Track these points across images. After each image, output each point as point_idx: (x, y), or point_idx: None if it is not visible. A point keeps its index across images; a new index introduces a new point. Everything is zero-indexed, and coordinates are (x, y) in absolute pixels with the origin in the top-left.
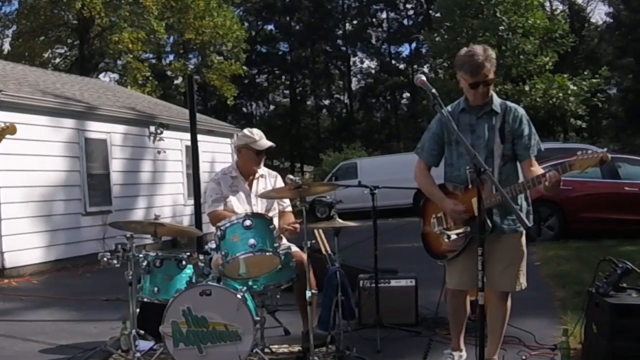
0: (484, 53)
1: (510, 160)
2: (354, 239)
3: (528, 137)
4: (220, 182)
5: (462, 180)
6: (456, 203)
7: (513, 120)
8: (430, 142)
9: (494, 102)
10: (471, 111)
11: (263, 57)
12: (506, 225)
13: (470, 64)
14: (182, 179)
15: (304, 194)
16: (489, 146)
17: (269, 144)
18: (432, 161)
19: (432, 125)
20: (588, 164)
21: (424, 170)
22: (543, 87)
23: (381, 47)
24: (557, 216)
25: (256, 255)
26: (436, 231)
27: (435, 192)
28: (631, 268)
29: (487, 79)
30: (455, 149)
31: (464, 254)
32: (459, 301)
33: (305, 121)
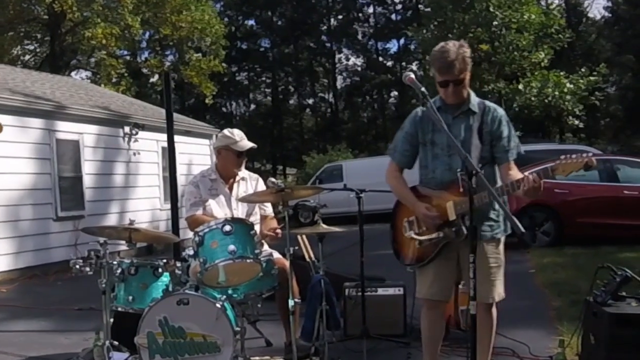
0: (456, 50)
1: (488, 163)
2: (339, 245)
3: (507, 139)
4: (199, 185)
5: (437, 183)
6: (429, 207)
7: (492, 121)
8: (403, 143)
9: (472, 101)
10: (447, 110)
11: (243, 54)
12: (482, 232)
13: (440, 62)
14: (159, 182)
15: (287, 197)
16: (466, 147)
17: (250, 145)
18: (405, 162)
19: (406, 124)
20: (571, 168)
21: (396, 172)
22: (538, 86)
23: (368, 44)
24: (552, 221)
25: (236, 262)
26: (407, 236)
27: (407, 195)
28: (631, 276)
29: (457, 79)
30: (430, 150)
31: (436, 261)
32: (436, 314)
33: (287, 121)
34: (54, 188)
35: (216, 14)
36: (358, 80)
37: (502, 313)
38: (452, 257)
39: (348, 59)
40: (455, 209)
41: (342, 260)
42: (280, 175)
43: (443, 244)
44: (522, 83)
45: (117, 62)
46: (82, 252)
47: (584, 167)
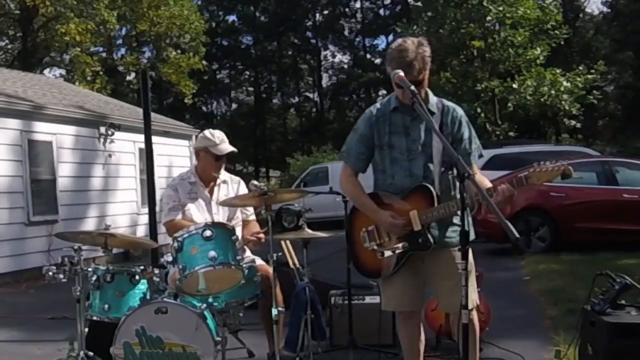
0: (415, 49)
1: (448, 168)
2: (325, 251)
3: (468, 140)
4: (178, 188)
5: (397, 190)
6: (394, 216)
7: (452, 122)
8: (357, 145)
9: (430, 100)
10: (405, 110)
11: (224, 51)
12: (448, 238)
13: (398, 61)
14: (136, 184)
15: (270, 201)
16: (427, 151)
17: (229, 148)
18: (361, 166)
19: (360, 125)
20: (547, 177)
21: (352, 177)
22: (533, 84)
23: (355, 40)
24: (548, 226)
25: (217, 269)
26: (367, 247)
27: (366, 203)
28: (630, 283)
29: (416, 80)
30: (387, 153)
31: (402, 272)
32: (412, 324)
33: (271, 121)
34: (26, 191)
35: (196, 9)
36: (344, 78)
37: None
38: (418, 266)
39: (334, 56)
40: (420, 219)
41: (328, 266)
42: (263, 178)
43: (409, 254)
44: (517, 81)
45: (92, 59)
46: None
47: (561, 176)
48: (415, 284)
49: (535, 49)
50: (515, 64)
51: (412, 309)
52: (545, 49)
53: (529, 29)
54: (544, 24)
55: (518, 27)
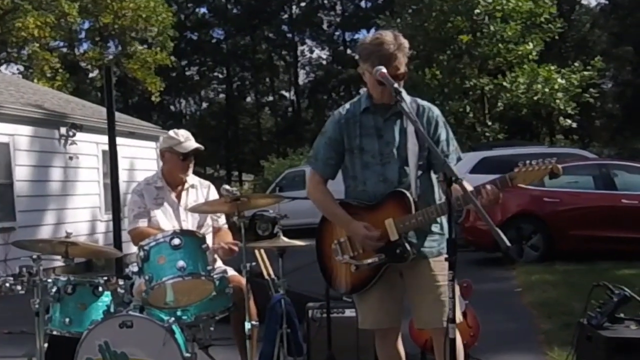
0: (395, 41)
1: (425, 172)
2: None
3: (446, 142)
4: (143, 193)
5: (370, 197)
6: (368, 227)
7: (427, 123)
8: (326, 150)
9: (404, 99)
10: (377, 111)
11: (194, 46)
12: (428, 248)
13: (378, 55)
14: (99, 189)
15: (243, 207)
16: (402, 154)
17: (195, 145)
18: (329, 172)
19: (327, 128)
20: (533, 177)
21: (320, 185)
22: (526, 81)
23: (334, 34)
24: (541, 234)
25: (186, 280)
26: (340, 260)
27: (338, 213)
28: (629, 295)
29: (398, 73)
30: (358, 157)
31: (378, 286)
32: (390, 341)
33: (243, 121)
34: None
35: (163, 0)
36: (323, 75)
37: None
38: (395, 278)
39: (312, 52)
40: (396, 228)
41: (305, 277)
42: (236, 182)
43: (385, 267)
44: (508, 78)
45: (52, 55)
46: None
47: (549, 175)
48: (393, 299)
49: (527, 43)
50: (506, 60)
51: (390, 326)
52: (538, 43)
53: (521, 22)
54: (537, 17)
55: (509, 20)
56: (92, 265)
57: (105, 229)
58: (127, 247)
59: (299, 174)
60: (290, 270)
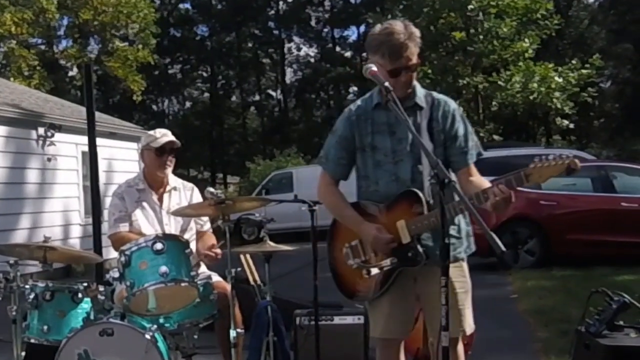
0: (405, 30)
1: None
2: (289, 266)
3: (464, 137)
4: (124, 196)
5: (382, 197)
6: (380, 229)
7: (443, 117)
8: (337, 149)
9: (418, 93)
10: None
11: (177, 43)
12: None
13: (389, 46)
14: (78, 192)
15: (227, 211)
16: (415, 151)
17: (169, 138)
18: (340, 173)
19: (338, 126)
20: (549, 173)
21: (331, 186)
22: (521, 80)
23: (322, 31)
24: (538, 238)
25: (169, 286)
26: (351, 265)
27: (349, 214)
28: (629, 302)
29: (411, 64)
30: (370, 156)
31: (390, 292)
32: (392, 352)
33: (228, 122)
34: None
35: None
36: (311, 73)
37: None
38: (409, 286)
39: (299, 49)
40: (409, 230)
41: (292, 283)
42: (220, 185)
43: (398, 272)
44: (503, 77)
45: (30, 52)
46: None
47: (565, 172)
48: (404, 308)
49: (523, 40)
50: (501, 58)
51: (399, 336)
52: (534, 40)
53: (516, 18)
54: (533, 13)
55: (504, 17)
56: (71, 271)
57: (85, 233)
58: (107, 252)
59: (286, 176)
60: (277, 276)
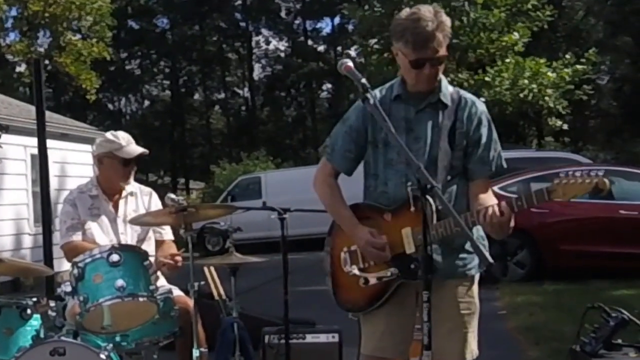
0: (435, 18)
1: (459, 175)
2: (258, 279)
3: (486, 145)
4: (77, 203)
5: (391, 200)
6: (373, 232)
7: (468, 120)
8: (345, 140)
9: (443, 89)
10: (409, 100)
11: (135, 36)
12: (455, 268)
13: (414, 33)
14: (27, 198)
15: (190, 219)
16: (432, 153)
17: (140, 150)
18: (346, 167)
19: (350, 115)
20: (574, 191)
21: (329, 178)
22: (511, 76)
23: (293, 23)
24: (528, 249)
25: (125, 301)
26: (349, 272)
27: (344, 213)
28: (628, 318)
29: (437, 56)
30: (382, 153)
31: (388, 306)
32: None
33: (191, 122)
34: None
35: None
36: (281, 69)
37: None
38: (410, 301)
39: (268, 43)
40: (414, 239)
41: (261, 298)
42: (182, 191)
43: (398, 284)
44: (490, 73)
45: None
46: None
47: (591, 191)
48: (402, 324)
49: (512, 33)
50: (489, 52)
51: (393, 356)
52: (524, 33)
53: (505, 9)
54: (524, 4)
55: (492, 7)
56: (20, 285)
57: (34, 243)
58: (58, 264)
59: (254, 181)
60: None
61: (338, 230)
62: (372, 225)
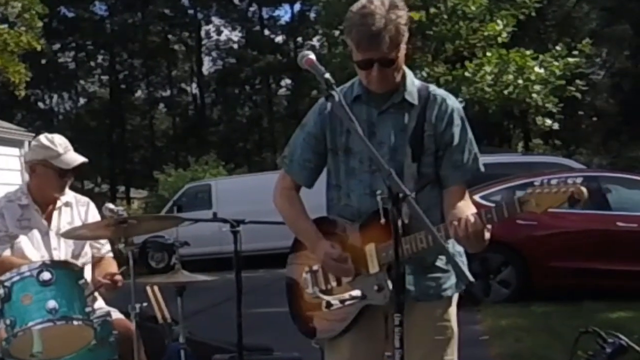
0: (385, 14)
1: (431, 183)
2: (208, 300)
3: (459, 147)
4: (4, 213)
5: (355, 214)
6: (335, 246)
7: (438, 119)
8: (303, 148)
9: (409, 87)
10: (371, 101)
11: (69, 25)
12: (424, 289)
13: (359, 31)
14: None
15: (131, 232)
16: (397, 159)
17: (80, 159)
18: (306, 178)
19: (309, 120)
20: (549, 202)
21: (289, 191)
22: (494, 71)
23: (248, 10)
24: (514, 266)
25: (58, 325)
26: (310, 293)
27: (305, 228)
28: (626, 344)
29: (387, 58)
30: (343, 161)
31: (353, 331)
32: None
33: (132, 122)
34: None
35: None
36: (234, 63)
37: None
38: (377, 326)
39: (219, 33)
40: (378, 257)
41: (211, 321)
42: (122, 200)
43: (363, 306)
44: (471, 67)
45: None
46: None
47: (568, 201)
48: (369, 352)
49: (495, 22)
50: (468, 44)
51: None
52: (509, 22)
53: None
54: None
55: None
56: None
57: None
58: None
59: (203, 189)
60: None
61: (299, 247)
62: (335, 240)
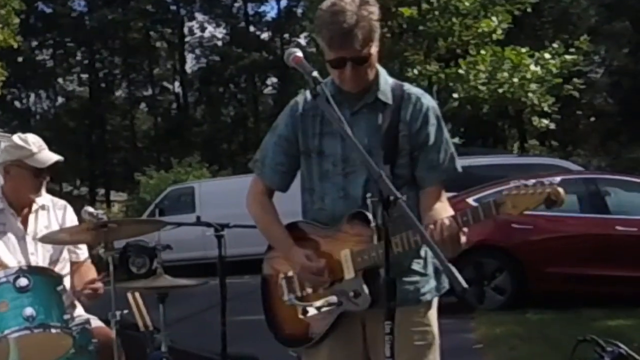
0: (356, 11)
1: (407, 185)
2: (191, 307)
3: (434, 147)
4: None
5: (329, 218)
6: (310, 255)
7: (412, 118)
8: (275, 152)
9: (382, 86)
10: (343, 101)
11: (47, 22)
12: (401, 293)
13: (330, 29)
14: None
15: (111, 236)
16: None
17: (54, 158)
18: (278, 182)
19: (280, 122)
20: (526, 204)
21: (262, 196)
22: (488, 69)
23: (233, 6)
24: (509, 272)
25: (35, 333)
26: (286, 301)
27: (278, 235)
28: (626, 353)
29: (359, 56)
30: (316, 164)
31: (330, 339)
32: None
33: (113, 122)
34: None
35: None
36: (218, 60)
37: None
38: (356, 331)
39: (203, 29)
40: (353, 262)
41: (194, 329)
42: (102, 203)
43: (340, 313)
44: (464, 65)
45: None
46: None
47: (544, 203)
48: (347, 358)
49: (490, 18)
50: (462, 41)
51: None
52: (504, 18)
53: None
54: None
55: None
56: None
57: None
58: None
59: (186, 192)
60: (176, 319)
61: (275, 254)
62: (309, 248)
